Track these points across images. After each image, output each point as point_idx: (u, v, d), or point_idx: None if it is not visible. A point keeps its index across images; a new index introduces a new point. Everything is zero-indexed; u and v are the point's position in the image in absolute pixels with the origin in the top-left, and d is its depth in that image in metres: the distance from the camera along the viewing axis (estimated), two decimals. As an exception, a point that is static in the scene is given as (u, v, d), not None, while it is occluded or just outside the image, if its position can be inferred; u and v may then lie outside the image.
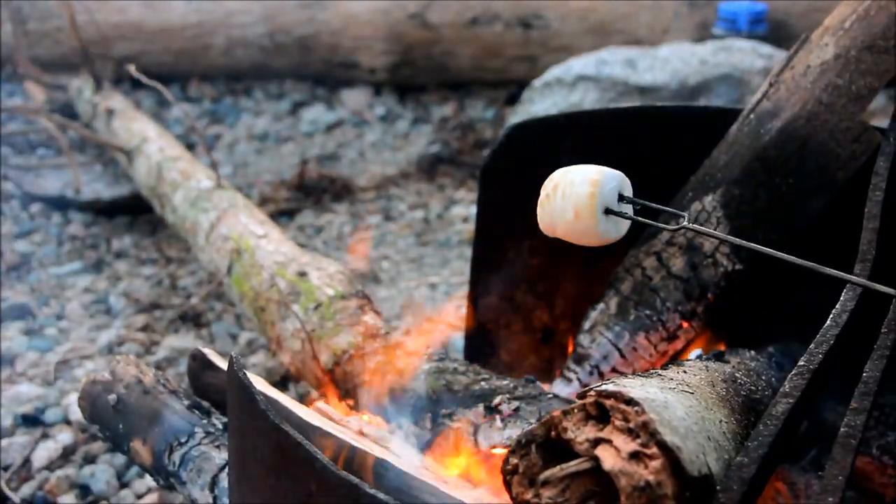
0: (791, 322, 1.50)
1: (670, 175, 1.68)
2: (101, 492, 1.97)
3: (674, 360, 1.56)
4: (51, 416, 2.23)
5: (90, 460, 2.08)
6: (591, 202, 1.06)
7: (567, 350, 1.78)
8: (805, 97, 1.52)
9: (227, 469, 1.39)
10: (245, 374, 1.06)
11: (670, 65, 3.64)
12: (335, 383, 1.71)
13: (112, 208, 3.52)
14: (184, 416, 1.52)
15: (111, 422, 1.59)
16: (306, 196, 3.66)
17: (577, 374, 1.62)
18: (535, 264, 1.86)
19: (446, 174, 3.87)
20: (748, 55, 3.66)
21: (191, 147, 3.89)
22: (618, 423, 0.89)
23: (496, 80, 4.72)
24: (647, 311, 1.59)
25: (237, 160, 4.15)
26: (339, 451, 1.21)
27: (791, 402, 0.98)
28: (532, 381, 1.53)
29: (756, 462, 0.91)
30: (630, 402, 0.90)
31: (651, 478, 0.84)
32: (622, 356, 1.60)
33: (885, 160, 1.37)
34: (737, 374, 1.22)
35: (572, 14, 4.50)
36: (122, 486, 2.00)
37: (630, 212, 1.09)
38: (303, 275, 1.94)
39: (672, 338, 1.59)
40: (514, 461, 0.95)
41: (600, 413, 0.92)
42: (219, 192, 2.60)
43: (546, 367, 1.90)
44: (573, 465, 0.89)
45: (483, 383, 1.51)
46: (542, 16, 4.52)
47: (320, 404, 1.40)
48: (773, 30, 4.13)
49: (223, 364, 1.62)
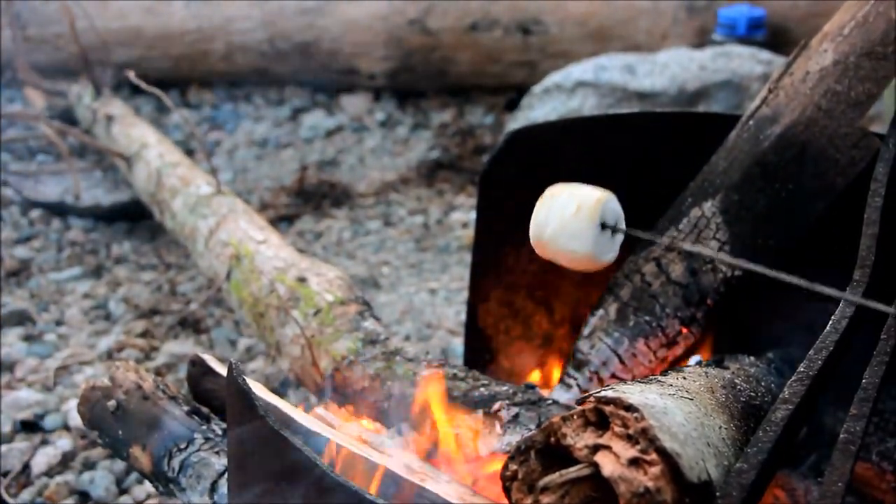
0: (791, 328, 1.50)
1: (669, 181, 1.68)
2: (101, 498, 1.96)
3: (673, 366, 1.56)
4: (50, 421, 2.23)
5: (89, 466, 2.07)
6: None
7: (566, 356, 1.78)
8: (804, 103, 1.52)
9: (226, 475, 1.39)
10: (244, 379, 1.06)
11: (669, 70, 3.64)
12: (335, 389, 1.71)
13: (111, 214, 3.51)
14: (183, 422, 1.52)
15: (110, 428, 1.59)
16: (306, 202, 3.66)
17: (576, 379, 1.62)
18: (534, 270, 1.86)
19: (446, 180, 3.87)
20: (747, 61, 3.66)
21: (190, 153, 3.88)
22: (617, 429, 0.89)
23: (496, 86, 4.72)
24: (647, 317, 1.59)
25: (237, 166, 4.15)
26: (339, 457, 1.21)
27: (790, 408, 0.98)
28: (531, 387, 1.53)
29: (755, 468, 0.91)
30: (629, 408, 0.90)
31: (650, 484, 0.84)
32: (622, 362, 1.60)
33: (884, 166, 1.37)
34: (736, 380, 1.22)
35: (571, 20, 4.50)
36: (122, 492, 2.00)
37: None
38: (302, 280, 1.94)
39: (671, 344, 1.59)
40: (514, 467, 0.95)
41: (600, 419, 0.92)
42: (218, 198, 2.60)
43: (546, 372, 1.89)
44: (572, 472, 0.89)
45: (482, 389, 1.51)
46: (542, 21, 4.53)
47: (320, 410, 1.40)
48: (773, 35, 4.13)
49: (223, 370, 1.61)
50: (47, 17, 4.81)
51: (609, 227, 1.10)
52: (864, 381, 1.01)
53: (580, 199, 1.10)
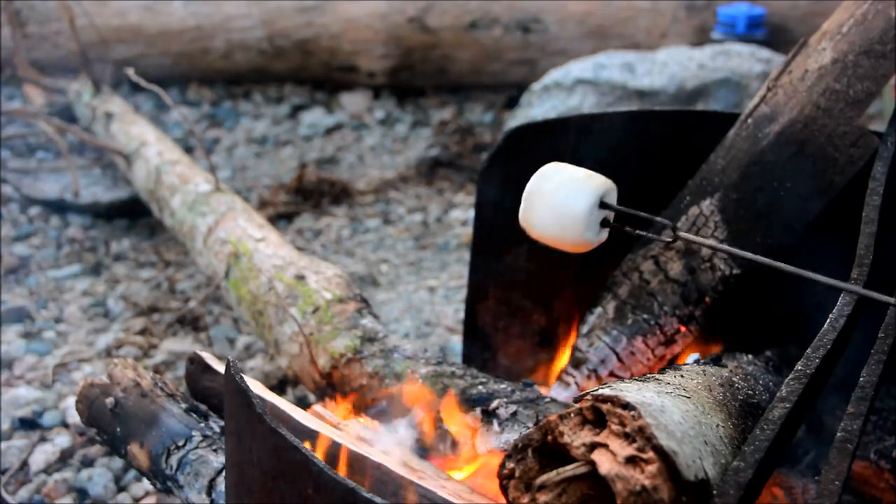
0: (788, 326, 1.50)
1: (668, 179, 1.68)
2: (99, 495, 1.96)
3: (671, 365, 1.56)
4: (48, 419, 2.23)
5: (88, 464, 2.07)
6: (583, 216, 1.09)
7: (564, 354, 1.78)
8: (803, 102, 1.52)
9: (224, 473, 1.39)
10: (242, 377, 1.07)
11: (669, 69, 3.64)
12: (333, 387, 1.71)
13: (111, 211, 3.51)
14: (181, 420, 1.52)
15: (109, 425, 1.59)
16: (305, 199, 3.65)
17: (574, 377, 1.62)
18: (532, 268, 1.86)
19: (445, 178, 3.87)
20: (746, 59, 3.66)
21: (189, 150, 3.89)
22: (614, 427, 0.89)
23: (495, 84, 4.72)
24: (645, 315, 1.59)
25: (236, 164, 4.15)
26: (337, 454, 1.21)
27: (788, 406, 0.98)
28: (529, 384, 1.53)
29: (753, 466, 0.91)
30: (626, 406, 0.90)
31: (647, 482, 0.84)
32: (620, 360, 1.60)
33: (882, 165, 1.37)
34: (734, 379, 1.22)
35: (571, 18, 4.50)
36: (120, 489, 2.00)
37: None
38: (301, 278, 1.94)
39: (669, 342, 1.59)
40: (511, 465, 0.95)
41: (597, 417, 0.92)
42: (217, 196, 2.60)
43: (544, 370, 1.90)
44: (569, 470, 0.89)
45: (480, 387, 1.51)
46: (541, 20, 4.52)
47: (318, 408, 1.40)
48: (772, 34, 4.14)
49: (221, 368, 1.62)
50: (47, 15, 4.81)
51: (606, 206, 1.11)
52: (861, 379, 1.01)
53: (591, 173, 1.12)
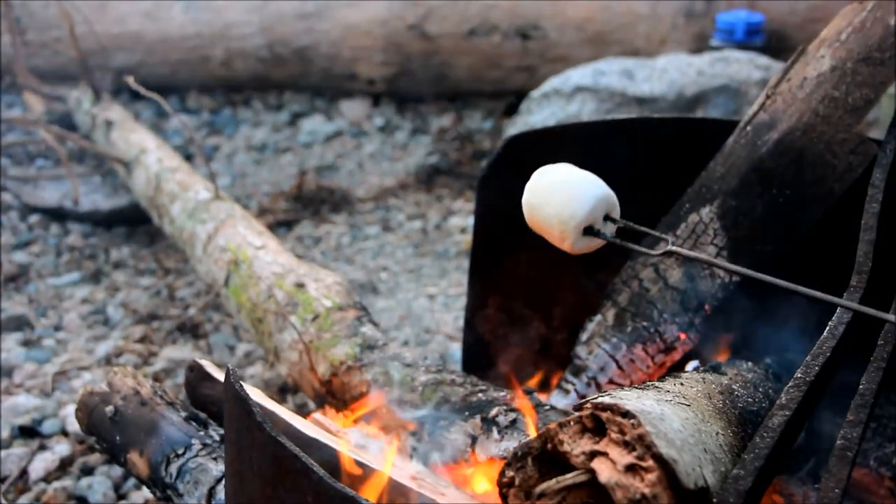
0: (788, 333, 1.50)
1: (667, 186, 1.68)
2: (99, 503, 1.96)
3: (671, 372, 1.56)
4: (48, 427, 2.23)
5: (87, 472, 2.07)
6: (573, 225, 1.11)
7: (564, 361, 1.78)
8: (802, 109, 1.52)
9: (223, 481, 1.39)
10: (242, 385, 1.06)
11: (668, 76, 3.64)
12: (333, 394, 1.71)
13: (110, 219, 3.52)
14: (181, 428, 1.52)
15: (108, 433, 1.59)
16: (304, 207, 3.66)
17: (574, 385, 1.62)
18: (532, 275, 1.86)
19: (444, 185, 3.88)
20: (745, 66, 3.66)
21: (189, 158, 3.89)
22: (614, 435, 0.89)
23: (494, 91, 4.73)
24: (645, 323, 1.59)
25: (236, 171, 4.15)
26: (336, 462, 1.21)
27: (788, 414, 0.98)
28: (529, 392, 1.53)
29: (752, 474, 0.90)
30: (626, 414, 0.90)
31: (647, 490, 0.84)
32: (619, 368, 1.60)
33: (881, 172, 1.37)
34: (734, 386, 1.22)
35: (570, 25, 4.51)
36: (120, 497, 2.00)
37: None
38: (301, 286, 1.94)
39: (669, 349, 1.59)
40: (511, 473, 0.95)
41: (596, 425, 0.92)
42: (217, 203, 2.60)
43: (543, 378, 1.89)
44: (569, 478, 0.89)
45: (480, 395, 1.51)
46: (541, 27, 4.53)
47: (318, 416, 1.40)
48: (771, 41, 4.14)
49: (221, 375, 1.61)
50: (46, 22, 4.82)
51: (609, 219, 1.13)
52: (861, 386, 1.01)
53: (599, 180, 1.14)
